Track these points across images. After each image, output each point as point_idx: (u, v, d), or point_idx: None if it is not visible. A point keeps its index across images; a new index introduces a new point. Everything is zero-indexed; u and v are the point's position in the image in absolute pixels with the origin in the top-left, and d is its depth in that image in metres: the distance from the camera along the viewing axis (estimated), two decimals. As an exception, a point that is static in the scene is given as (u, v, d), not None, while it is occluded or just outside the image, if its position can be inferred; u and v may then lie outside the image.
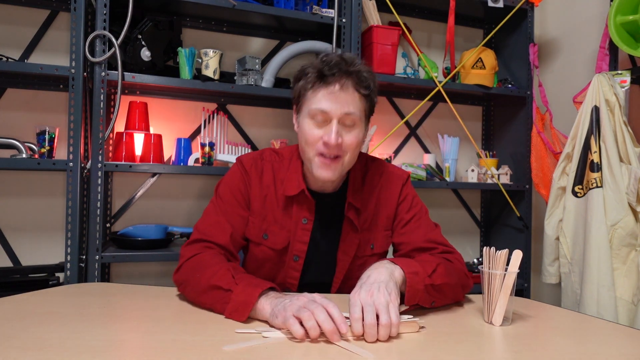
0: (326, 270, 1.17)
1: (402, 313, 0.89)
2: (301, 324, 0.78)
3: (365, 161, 1.21)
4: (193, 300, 0.98)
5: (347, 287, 1.16)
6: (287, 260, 1.15)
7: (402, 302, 0.93)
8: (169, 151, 2.06)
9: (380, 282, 0.88)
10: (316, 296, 0.83)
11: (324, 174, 1.06)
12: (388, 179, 1.20)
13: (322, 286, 1.16)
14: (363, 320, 0.80)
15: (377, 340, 0.80)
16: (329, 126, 1.03)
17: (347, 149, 1.06)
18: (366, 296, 0.83)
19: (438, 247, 1.12)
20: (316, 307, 0.78)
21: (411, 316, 0.89)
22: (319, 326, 0.77)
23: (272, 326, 0.84)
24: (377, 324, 0.79)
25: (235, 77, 1.96)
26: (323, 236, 1.16)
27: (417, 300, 0.94)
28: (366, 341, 0.79)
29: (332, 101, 1.02)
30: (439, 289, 0.97)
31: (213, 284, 0.93)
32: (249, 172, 1.15)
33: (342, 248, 1.15)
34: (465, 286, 1.06)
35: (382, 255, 1.20)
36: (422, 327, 0.88)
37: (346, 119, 1.04)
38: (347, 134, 1.05)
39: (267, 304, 0.87)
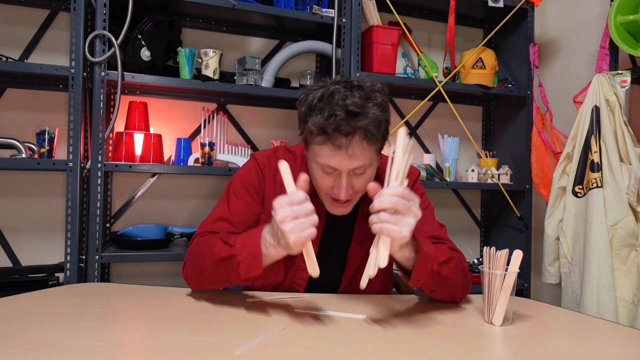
0: (335, 271, 1.17)
1: None
2: None
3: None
4: (210, 287, 1.03)
5: (353, 287, 1.15)
6: (297, 261, 1.14)
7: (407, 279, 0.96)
8: (169, 151, 2.06)
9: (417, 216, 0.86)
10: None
11: (338, 210, 1.06)
12: None
13: (330, 287, 1.16)
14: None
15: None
16: (338, 178, 1.00)
17: (358, 191, 1.04)
18: (403, 202, 0.84)
19: (445, 243, 1.10)
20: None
21: None
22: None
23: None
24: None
25: (235, 77, 1.96)
26: (334, 235, 1.15)
27: (422, 283, 0.95)
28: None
29: (339, 158, 0.97)
30: (444, 280, 0.98)
31: (216, 259, 0.95)
32: (264, 171, 1.15)
33: (357, 240, 1.15)
34: (466, 289, 1.07)
35: None
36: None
37: (356, 170, 0.99)
38: (358, 180, 1.02)
39: (271, 248, 0.89)
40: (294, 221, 0.82)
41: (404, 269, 0.99)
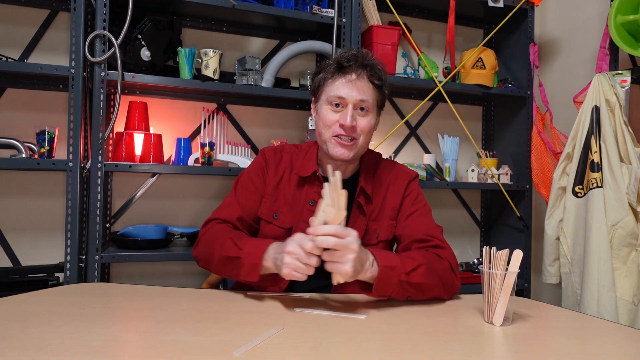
0: None
1: None
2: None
3: (377, 157, 1.32)
4: (215, 273, 1.16)
5: None
6: None
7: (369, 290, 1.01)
8: (169, 151, 2.06)
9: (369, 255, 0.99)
10: (298, 244, 0.95)
11: (340, 151, 1.17)
12: (397, 175, 1.29)
13: (325, 273, 1.17)
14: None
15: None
16: (345, 110, 1.16)
17: (361, 132, 1.18)
18: (338, 241, 0.93)
19: (433, 240, 1.17)
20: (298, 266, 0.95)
21: None
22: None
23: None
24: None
25: (235, 77, 1.96)
26: None
27: (390, 293, 1.00)
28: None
29: (348, 88, 1.15)
30: (417, 287, 1.02)
31: (223, 256, 1.07)
32: (268, 160, 1.29)
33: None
34: (449, 286, 1.09)
35: (387, 243, 1.26)
36: None
37: (360, 104, 1.16)
38: (361, 119, 1.17)
39: (270, 262, 1.01)
40: (295, 260, 0.95)
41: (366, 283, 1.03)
